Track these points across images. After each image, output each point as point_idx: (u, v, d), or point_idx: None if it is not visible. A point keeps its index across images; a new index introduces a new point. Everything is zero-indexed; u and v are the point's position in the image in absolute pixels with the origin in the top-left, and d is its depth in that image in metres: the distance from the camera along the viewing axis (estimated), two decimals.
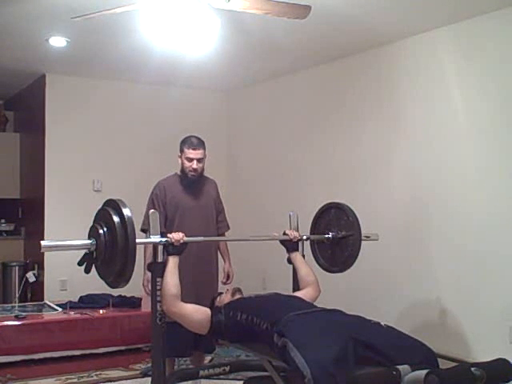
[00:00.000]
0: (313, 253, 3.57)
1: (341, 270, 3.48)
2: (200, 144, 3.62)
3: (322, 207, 3.58)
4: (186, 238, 2.92)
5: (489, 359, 2.27)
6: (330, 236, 3.45)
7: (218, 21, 3.28)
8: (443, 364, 2.38)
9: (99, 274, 2.67)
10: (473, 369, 2.13)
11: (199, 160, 3.60)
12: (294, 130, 5.95)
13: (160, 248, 2.84)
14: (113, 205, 2.63)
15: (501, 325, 3.99)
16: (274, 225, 4.69)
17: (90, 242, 2.61)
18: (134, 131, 6.36)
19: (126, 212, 2.55)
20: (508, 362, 2.24)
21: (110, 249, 2.57)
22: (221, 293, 3.10)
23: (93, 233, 2.64)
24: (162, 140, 6.29)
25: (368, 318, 2.59)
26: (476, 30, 4.19)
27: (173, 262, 2.86)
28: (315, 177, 5.60)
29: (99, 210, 2.70)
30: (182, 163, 3.63)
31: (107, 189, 6.01)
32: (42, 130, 6.03)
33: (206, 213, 3.69)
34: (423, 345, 2.39)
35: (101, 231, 2.59)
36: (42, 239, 5.95)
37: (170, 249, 2.87)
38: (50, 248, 2.74)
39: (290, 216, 3.44)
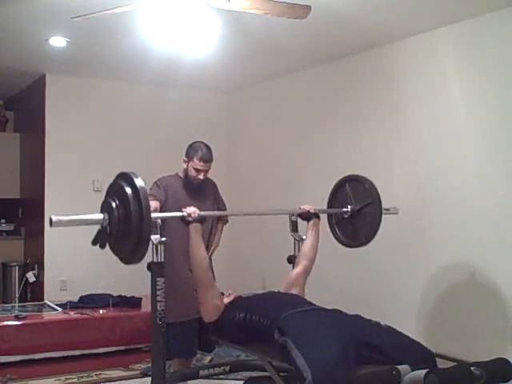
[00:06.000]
0: (331, 231, 3.49)
1: (362, 244, 3.41)
2: (211, 157, 3.55)
3: (336, 184, 3.52)
4: (199, 212, 2.94)
5: (489, 359, 2.27)
6: (348, 210, 3.36)
7: (218, 21, 3.28)
8: (443, 364, 2.38)
9: (112, 249, 2.57)
10: (473, 368, 2.14)
11: (207, 171, 3.56)
12: (294, 130, 5.95)
13: (160, 248, 2.82)
14: (125, 177, 2.53)
15: (501, 325, 3.99)
16: (274, 224, 4.70)
17: (102, 216, 2.52)
18: (134, 131, 6.36)
19: (139, 183, 2.44)
20: (508, 361, 2.25)
21: (123, 223, 2.47)
22: (222, 293, 3.09)
23: (105, 207, 2.55)
24: (162, 140, 6.31)
25: (367, 317, 2.59)
26: (476, 30, 4.18)
27: (195, 232, 2.89)
28: (315, 177, 5.59)
29: (111, 184, 2.61)
30: (188, 169, 3.55)
31: None
32: (42, 130, 6.03)
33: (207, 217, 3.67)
34: (421, 345, 2.40)
35: (113, 204, 2.50)
36: (42, 239, 5.98)
37: (190, 218, 2.89)
38: (62, 223, 2.50)
39: (290, 216, 3.43)
